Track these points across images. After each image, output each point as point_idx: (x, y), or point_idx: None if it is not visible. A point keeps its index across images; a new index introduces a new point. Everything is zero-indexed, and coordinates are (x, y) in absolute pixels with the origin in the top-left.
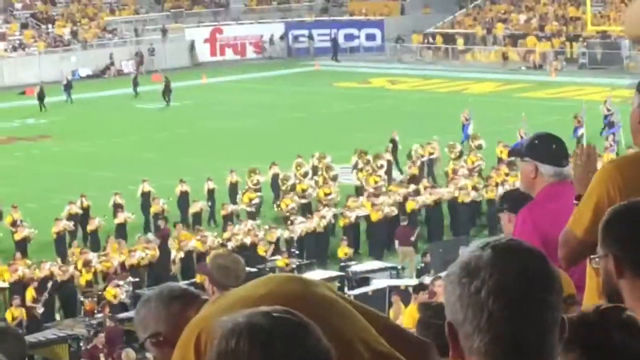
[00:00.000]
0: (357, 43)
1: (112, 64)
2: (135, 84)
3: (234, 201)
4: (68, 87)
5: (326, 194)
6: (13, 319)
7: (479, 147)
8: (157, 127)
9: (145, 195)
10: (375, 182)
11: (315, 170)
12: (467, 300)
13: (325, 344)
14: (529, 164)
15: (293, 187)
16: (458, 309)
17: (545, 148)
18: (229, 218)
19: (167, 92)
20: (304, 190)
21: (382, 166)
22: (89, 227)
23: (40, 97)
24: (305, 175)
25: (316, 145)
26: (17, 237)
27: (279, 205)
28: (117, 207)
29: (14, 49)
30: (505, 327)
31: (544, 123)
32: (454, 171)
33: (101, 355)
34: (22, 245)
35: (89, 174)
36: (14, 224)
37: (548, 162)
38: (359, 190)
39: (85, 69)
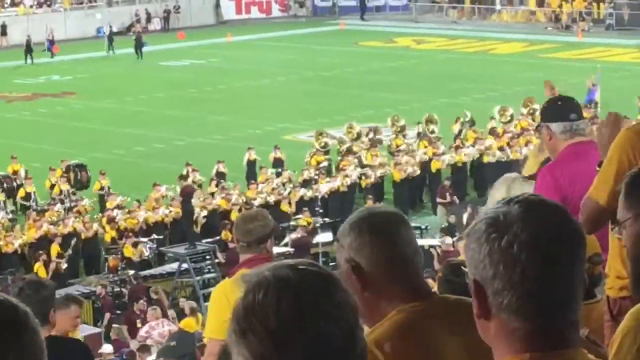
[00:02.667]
0: (383, 2)
1: (137, 21)
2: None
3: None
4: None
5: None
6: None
7: (533, 112)
8: (183, 85)
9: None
10: (397, 145)
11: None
12: (498, 256)
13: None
14: (544, 129)
15: (349, 150)
16: (487, 266)
17: (551, 108)
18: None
19: (139, 46)
20: (355, 153)
21: (404, 127)
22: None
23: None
24: (357, 137)
25: (341, 105)
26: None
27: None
28: None
29: (40, 5)
30: (539, 281)
31: (568, 84)
32: (502, 133)
33: (138, 321)
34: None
35: (114, 130)
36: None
37: (556, 120)
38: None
39: (111, 26)
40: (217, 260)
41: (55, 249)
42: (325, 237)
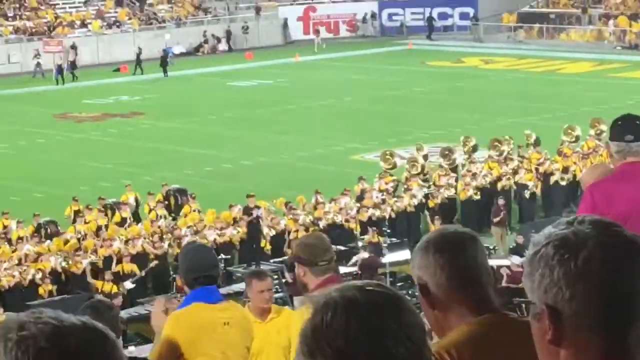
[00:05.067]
0: (451, 22)
1: (205, 41)
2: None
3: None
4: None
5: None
6: (103, 293)
7: (600, 133)
8: (251, 105)
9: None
10: (467, 165)
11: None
12: (575, 276)
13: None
14: (608, 147)
15: (417, 170)
16: (563, 288)
17: (612, 126)
18: None
19: (164, 64)
20: (423, 174)
21: (474, 148)
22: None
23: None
24: (425, 158)
25: (409, 124)
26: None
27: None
28: None
29: (109, 26)
30: (620, 296)
31: (637, 103)
32: (564, 154)
33: None
34: None
35: (182, 151)
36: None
37: (614, 139)
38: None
39: (179, 46)
40: (284, 280)
41: (125, 267)
42: (392, 257)
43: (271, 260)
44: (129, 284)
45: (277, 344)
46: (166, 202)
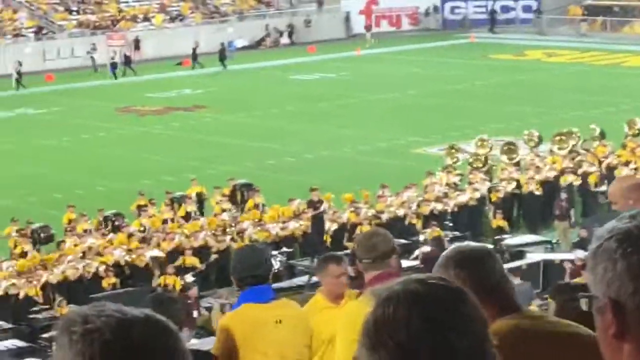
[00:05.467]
0: (514, 15)
1: (267, 35)
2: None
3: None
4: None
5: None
6: (166, 287)
7: None
8: (313, 98)
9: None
10: (530, 159)
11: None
12: (638, 269)
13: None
14: None
15: (480, 164)
16: (625, 282)
17: None
18: None
19: (222, 58)
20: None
21: (538, 142)
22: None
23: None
24: (488, 151)
25: (471, 118)
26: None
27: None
28: None
29: (172, 19)
30: None
31: None
32: (629, 148)
33: None
34: None
35: (245, 144)
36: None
37: None
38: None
39: (241, 40)
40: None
41: (187, 261)
42: None
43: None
44: (189, 278)
45: None
46: (232, 197)
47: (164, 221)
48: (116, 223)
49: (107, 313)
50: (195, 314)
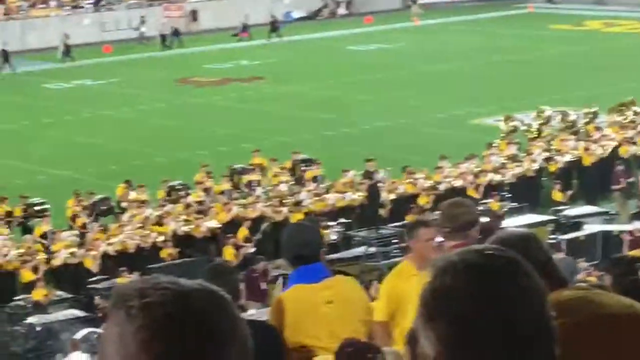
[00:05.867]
0: None
1: (325, 6)
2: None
3: None
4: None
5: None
6: (223, 257)
7: None
8: (370, 69)
9: None
10: (590, 130)
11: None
12: None
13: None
14: None
15: (538, 134)
16: None
17: None
18: None
19: (274, 29)
20: (544, 138)
21: (596, 113)
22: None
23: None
24: (546, 121)
25: (529, 89)
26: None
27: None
28: None
29: None
30: None
31: None
32: None
33: None
34: None
35: (302, 115)
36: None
37: None
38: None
39: (298, 10)
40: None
41: (243, 232)
42: (512, 222)
43: (390, 225)
44: (250, 249)
45: None
46: (292, 169)
47: (222, 192)
48: (181, 193)
49: (162, 286)
50: (263, 286)
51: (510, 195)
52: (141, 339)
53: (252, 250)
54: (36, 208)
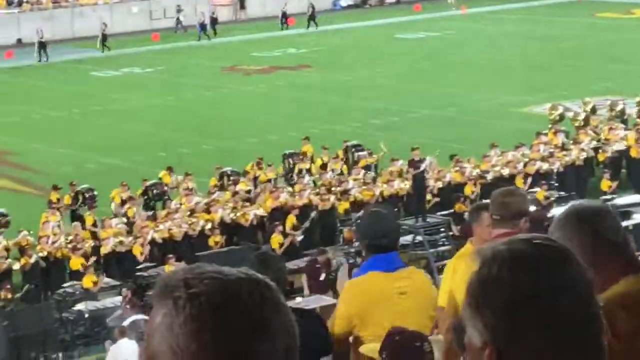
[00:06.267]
0: None
1: None
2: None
3: None
4: (312, 15)
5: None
6: (270, 245)
7: None
8: (419, 58)
9: None
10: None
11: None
12: None
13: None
14: None
15: (587, 123)
16: None
17: None
18: None
19: (312, 18)
20: (593, 127)
21: None
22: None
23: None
24: (594, 111)
25: (577, 77)
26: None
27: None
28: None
29: None
30: None
31: None
32: None
33: None
34: None
35: (350, 103)
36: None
37: None
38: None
39: None
40: (451, 233)
41: (291, 220)
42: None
43: (438, 213)
44: (299, 237)
45: None
46: (344, 158)
47: (269, 180)
48: (232, 179)
49: (208, 276)
50: (322, 276)
51: (557, 184)
52: (190, 329)
53: (300, 238)
54: (85, 195)
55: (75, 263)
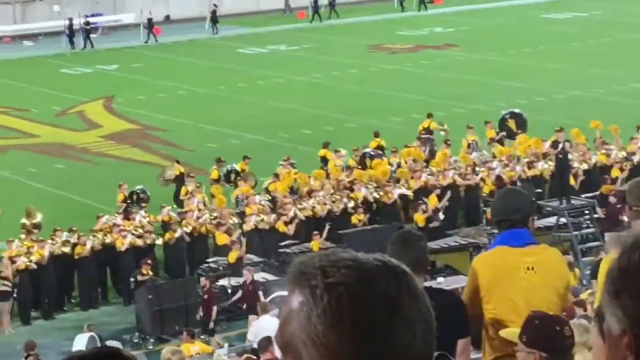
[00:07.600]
0: None
1: None
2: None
3: None
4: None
5: None
6: (415, 224)
7: None
8: (566, 38)
9: None
10: None
11: None
12: None
13: None
14: None
15: None
16: None
17: None
18: None
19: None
20: None
21: None
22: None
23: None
24: None
25: None
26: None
27: None
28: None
29: None
30: None
31: None
32: None
33: None
34: None
35: (495, 83)
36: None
37: None
38: None
39: None
40: (596, 216)
41: (433, 200)
42: None
43: (582, 196)
44: (440, 216)
45: None
46: (499, 140)
47: (414, 160)
48: (375, 159)
49: (344, 264)
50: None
51: None
52: (328, 320)
53: (442, 217)
54: (141, 196)
55: (222, 238)
